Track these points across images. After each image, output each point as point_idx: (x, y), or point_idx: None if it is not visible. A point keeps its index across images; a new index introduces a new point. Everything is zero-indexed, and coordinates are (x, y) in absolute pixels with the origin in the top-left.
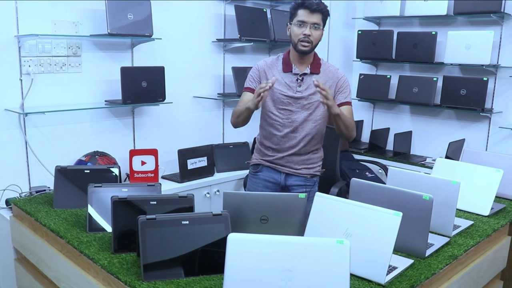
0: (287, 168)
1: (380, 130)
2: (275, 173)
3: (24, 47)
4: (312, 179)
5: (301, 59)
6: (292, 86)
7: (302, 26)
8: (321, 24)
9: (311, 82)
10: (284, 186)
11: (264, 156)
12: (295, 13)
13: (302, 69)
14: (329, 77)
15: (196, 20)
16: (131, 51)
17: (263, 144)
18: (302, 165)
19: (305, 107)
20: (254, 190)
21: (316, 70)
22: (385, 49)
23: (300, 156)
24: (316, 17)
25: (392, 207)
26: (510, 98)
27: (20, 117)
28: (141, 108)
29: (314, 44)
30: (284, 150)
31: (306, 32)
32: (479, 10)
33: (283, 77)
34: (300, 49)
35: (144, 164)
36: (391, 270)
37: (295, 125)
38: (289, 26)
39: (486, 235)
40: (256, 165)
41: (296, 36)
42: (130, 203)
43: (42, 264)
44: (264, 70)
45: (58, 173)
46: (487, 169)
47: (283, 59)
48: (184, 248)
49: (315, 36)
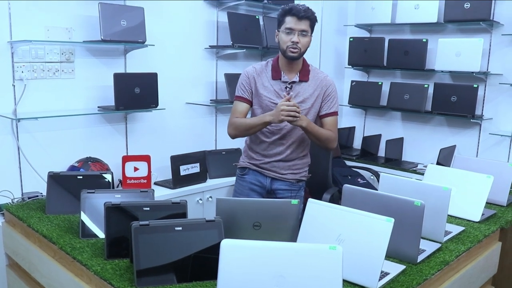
0: (272, 173)
1: (372, 136)
2: (261, 177)
3: (17, 53)
4: (297, 183)
5: (290, 66)
6: (281, 94)
7: (290, 33)
8: (309, 31)
9: (300, 90)
10: (270, 190)
11: (251, 160)
12: (283, 20)
13: (291, 76)
14: (318, 84)
15: (189, 26)
16: (124, 58)
17: (251, 148)
18: (288, 170)
19: None
20: (241, 192)
21: (305, 78)
22: (376, 56)
23: (286, 162)
24: (304, 24)
25: (384, 213)
26: (500, 105)
27: (13, 123)
28: (134, 114)
29: (302, 50)
30: (271, 155)
31: (294, 39)
32: (469, 18)
33: (272, 84)
34: (288, 55)
35: (137, 170)
36: (383, 276)
37: (284, 132)
38: (277, 33)
39: (477, 241)
40: (243, 168)
41: (285, 43)
42: (123, 209)
43: (35, 270)
44: (253, 77)
45: (51, 179)
46: (478, 175)
47: (272, 66)
48: (177, 254)
49: (303, 43)
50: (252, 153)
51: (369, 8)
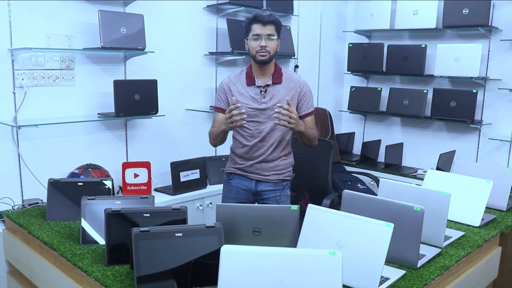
0: (256, 175)
1: (371, 142)
2: (246, 180)
3: (17, 60)
4: (281, 183)
5: (263, 70)
6: (257, 98)
7: (257, 39)
8: (275, 34)
9: (274, 92)
10: (255, 192)
11: (236, 164)
12: (250, 28)
13: (265, 80)
14: (292, 86)
15: (188, 33)
16: (124, 64)
17: (235, 153)
18: (271, 172)
19: (271, 117)
20: (228, 196)
21: (278, 80)
22: (375, 61)
23: (268, 163)
24: (269, 28)
25: (384, 218)
26: (499, 110)
27: (13, 130)
28: (134, 121)
29: (271, 53)
30: (254, 158)
31: (262, 44)
32: (468, 23)
33: (248, 90)
34: (259, 60)
35: (137, 176)
36: (383, 281)
37: (263, 135)
38: (247, 41)
39: (477, 245)
40: (229, 173)
41: (254, 49)
42: (124, 216)
43: (35, 277)
44: (229, 87)
45: (51, 185)
46: (478, 180)
47: (246, 73)
48: (177, 260)
49: (271, 46)
50: (236, 158)
51: (368, 14)
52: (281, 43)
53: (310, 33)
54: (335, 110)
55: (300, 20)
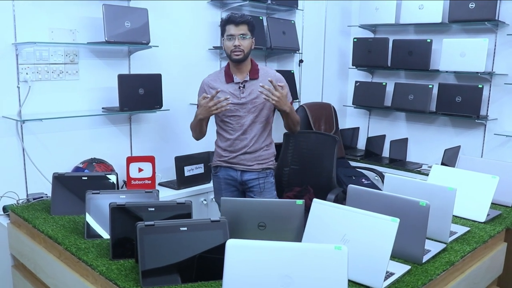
0: (241, 166)
1: (376, 137)
2: (232, 171)
3: (21, 54)
4: (264, 171)
5: (239, 67)
6: (236, 94)
7: (231, 39)
8: (248, 33)
9: (252, 87)
10: (241, 182)
11: (221, 158)
12: (224, 29)
13: (242, 77)
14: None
15: (192, 27)
16: (128, 59)
17: (219, 147)
18: (254, 162)
19: (251, 111)
20: (218, 188)
21: (255, 76)
22: (380, 56)
23: (251, 154)
24: (242, 28)
25: (389, 213)
26: (505, 105)
27: (18, 124)
28: (138, 115)
29: (246, 52)
30: (237, 150)
31: (235, 43)
32: (474, 18)
33: (227, 87)
34: (234, 59)
35: (141, 171)
36: (388, 276)
37: (245, 128)
38: (222, 40)
39: (482, 241)
40: (215, 166)
41: (228, 48)
42: (128, 210)
43: (40, 271)
44: (208, 85)
45: (56, 180)
46: (483, 176)
47: (225, 71)
48: (182, 255)
49: (244, 45)
50: (221, 151)
51: (373, 8)
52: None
53: (314, 27)
54: (340, 105)
55: (305, 14)
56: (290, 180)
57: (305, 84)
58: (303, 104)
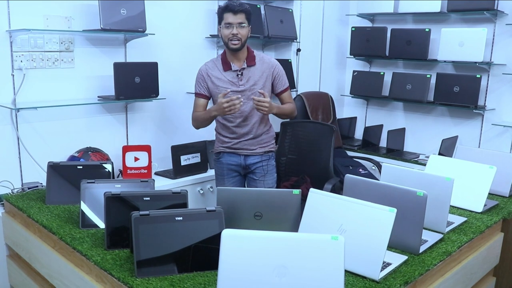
0: (244, 151)
1: (374, 127)
2: (235, 157)
3: (16, 42)
4: (267, 154)
5: (236, 55)
6: (235, 81)
7: (229, 27)
8: (245, 22)
9: (250, 74)
10: (244, 166)
11: (223, 144)
12: (222, 17)
13: (240, 64)
14: (265, 67)
15: (189, 16)
16: (124, 47)
17: (221, 134)
18: (257, 146)
19: (250, 98)
20: (220, 174)
21: (252, 63)
22: (378, 46)
23: (254, 139)
24: (240, 17)
25: (386, 203)
26: (502, 95)
27: (12, 113)
28: (134, 104)
29: (243, 41)
30: (240, 136)
31: (233, 31)
32: (473, 7)
33: (225, 75)
34: (231, 47)
35: (137, 160)
36: (385, 266)
37: (245, 115)
38: (220, 29)
39: (479, 231)
40: (218, 152)
41: (226, 36)
42: (123, 199)
43: (35, 260)
44: (207, 73)
45: (51, 169)
46: (481, 166)
47: (222, 59)
48: (178, 244)
49: (242, 33)
50: (223, 138)
51: None
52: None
53: (312, 16)
54: (337, 94)
55: (303, 3)
56: (287, 170)
57: (302, 73)
58: (300, 93)
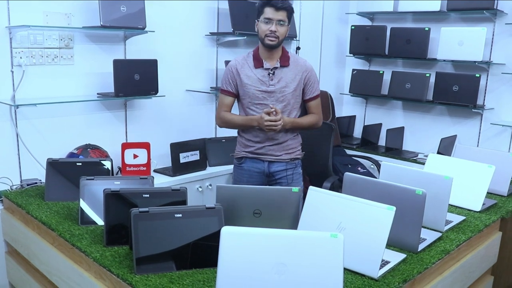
0: (269, 156)
1: (373, 125)
2: (258, 163)
3: (15, 38)
4: (293, 162)
5: (270, 53)
6: (265, 80)
7: (268, 23)
8: (286, 20)
9: (282, 75)
10: (268, 174)
11: (246, 148)
12: (262, 11)
13: (273, 63)
14: (299, 69)
15: (189, 13)
16: (124, 44)
17: (244, 137)
18: (283, 151)
19: (279, 100)
20: (240, 180)
21: (285, 63)
22: (378, 44)
23: (279, 145)
24: (281, 14)
25: (385, 201)
26: (502, 95)
27: (11, 109)
28: (133, 101)
29: (280, 39)
30: (264, 141)
31: (272, 28)
32: (472, 6)
33: (255, 73)
34: (267, 44)
35: (136, 157)
36: (384, 264)
37: None
38: (257, 23)
39: (477, 230)
40: (239, 157)
41: (263, 32)
42: (123, 196)
43: (34, 257)
44: (236, 70)
45: (50, 165)
46: (479, 165)
47: (254, 55)
48: (177, 242)
49: (281, 31)
50: (247, 142)
51: None
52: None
53: (312, 14)
54: (337, 93)
55: (303, 1)
56: None
57: None
58: None
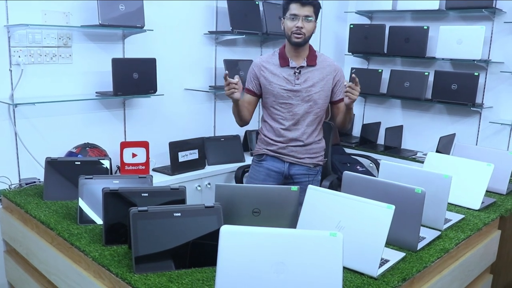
0: (290, 158)
1: (371, 124)
2: (279, 162)
3: (14, 37)
4: (315, 168)
5: (297, 52)
6: (291, 79)
7: (294, 19)
8: (313, 16)
9: (309, 75)
10: (287, 175)
11: (269, 146)
12: (288, 8)
13: (299, 62)
14: (327, 70)
15: (188, 12)
16: (122, 43)
17: (266, 136)
18: (306, 155)
19: (305, 100)
20: (256, 178)
21: (312, 63)
22: (377, 43)
23: (303, 147)
24: (308, 9)
25: (384, 200)
26: (500, 93)
27: (10, 108)
28: (132, 100)
29: (307, 36)
30: (288, 141)
31: (298, 24)
32: (471, 5)
33: (281, 71)
34: (293, 41)
35: (135, 156)
36: (383, 263)
37: (297, 118)
38: (283, 20)
39: (476, 229)
40: (260, 154)
41: (289, 29)
42: (122, 195)
43: (32, 256)
44: (260, 68)
45: (48, 165)
46: (478, 164)
47: (280, 54)
48: (176, 240)
49: (307, 28)
50: (269, 140)
51: None
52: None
53: None
54: None
55: None
56: None
57: None
58: None
